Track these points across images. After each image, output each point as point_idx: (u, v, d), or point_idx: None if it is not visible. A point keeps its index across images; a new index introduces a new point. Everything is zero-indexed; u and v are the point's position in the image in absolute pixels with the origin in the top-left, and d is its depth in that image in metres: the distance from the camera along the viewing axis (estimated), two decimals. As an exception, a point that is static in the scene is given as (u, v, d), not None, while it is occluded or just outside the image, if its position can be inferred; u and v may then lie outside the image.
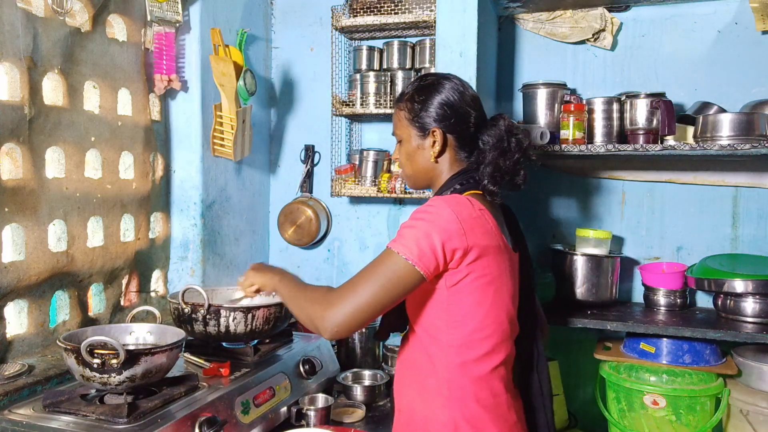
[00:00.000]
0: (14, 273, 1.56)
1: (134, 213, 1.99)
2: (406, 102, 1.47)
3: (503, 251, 1.36)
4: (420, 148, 1.46)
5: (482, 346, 1.31)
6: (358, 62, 2.45)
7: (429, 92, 1.44)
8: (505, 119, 1.44)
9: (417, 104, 1.44)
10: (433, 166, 1.46)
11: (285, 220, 2.58)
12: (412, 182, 1.53)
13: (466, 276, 1.29)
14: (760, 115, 1.88)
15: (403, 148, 1.49)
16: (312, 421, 1.68)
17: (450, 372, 1.32)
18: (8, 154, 1.57)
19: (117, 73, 1.91)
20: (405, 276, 1.25)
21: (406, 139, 1.47)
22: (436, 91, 1.44)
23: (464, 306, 1.31)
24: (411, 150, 1.47)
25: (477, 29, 1.95)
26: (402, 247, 1.26)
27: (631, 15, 2.29)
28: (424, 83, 1.46)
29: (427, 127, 1.43)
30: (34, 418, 1.33)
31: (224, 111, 2.19)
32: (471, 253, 1.28)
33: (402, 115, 1.47)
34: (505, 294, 1.35)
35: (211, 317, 1.70)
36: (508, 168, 1.41)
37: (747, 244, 2.19)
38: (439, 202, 1.31)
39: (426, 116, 1.43)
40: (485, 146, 1.43)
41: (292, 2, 2.64)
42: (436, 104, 1.43)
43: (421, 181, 1.51)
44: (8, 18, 1.53)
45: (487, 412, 1.31)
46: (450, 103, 1.42)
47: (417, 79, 1.50)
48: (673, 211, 2.27)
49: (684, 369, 1.97)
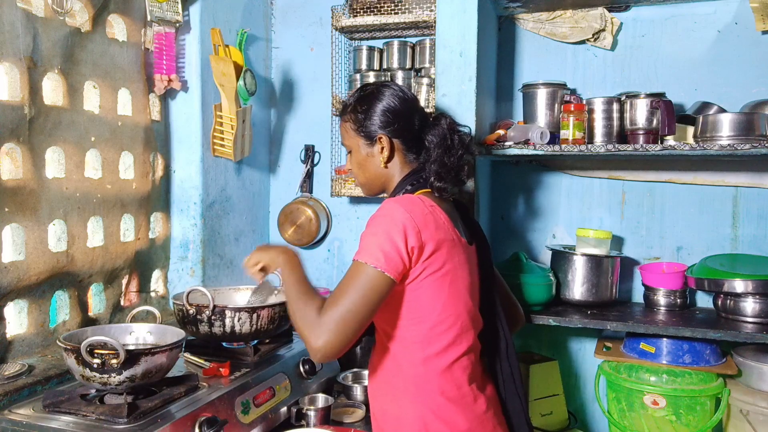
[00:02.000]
0: (14, 273, 1.56)
1: (134, 213, 1.99)
2: (350, 114, 1.52)
3: (457, 244, 1.40)
4: (369, 155, 1.51)
5: (443, 339, 1.35)
6: (358, 62, 2.45)
7: (370, 101, 1.49)
8: (446, 118, 1.51)
9: (360, 114, 1.49)
10: (384, 171, 1.51)
11: (285, 220, 2.58)
12: (367, 190, 1.57)
13: (422, 272, 1.33)
14: (760, 115, 1.88)
15: (354, 158, 1.54)
16: (312, 421, 1.68)
17: (414, 368, 1.36)
18: (8, 154, 1.57)
19: (117, 73, 1.91)
20: (377, 285, 1.28)
21: (355, 149, 1.52)
22: (377, 99, 1.49)
23: (422, 301, 1.35)
24: (361, 159, 1.52)
25: (477, 29, 1.95)
26: (368, 257, 1.29)
27: (631, 15, 2.29)
28: (364, 93, 1.51)
29: (373, 134, 1.48)
30: (34, 418, 1.33)
31: (224, 111, 2.19)
32: (426, 249, 1.32)
33: (348, 126, 1.52)
34: (461, 286, 1.40)
35: (216, 318, 1.70)
36: (453, 164, 1.47)
37: (747, 244, 2.19)
38: (391, 204, 1.34)
39: (370, 124, 1.48)
40: (430, 145, 1.48)
41: (292, 2, 2.64)
42: (379, 112, 1.48)
43: (375, 187, 1.55)
44: (8, 18, 1.53)
45: (453, 404, 1.35)
46: (391, 109, 1.48)
47: (358, 90, 1.55)
48: (673, 211, 2.27)
49: (684, 369, 1.97)
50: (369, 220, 1.36)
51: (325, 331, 1.25)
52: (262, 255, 1.51)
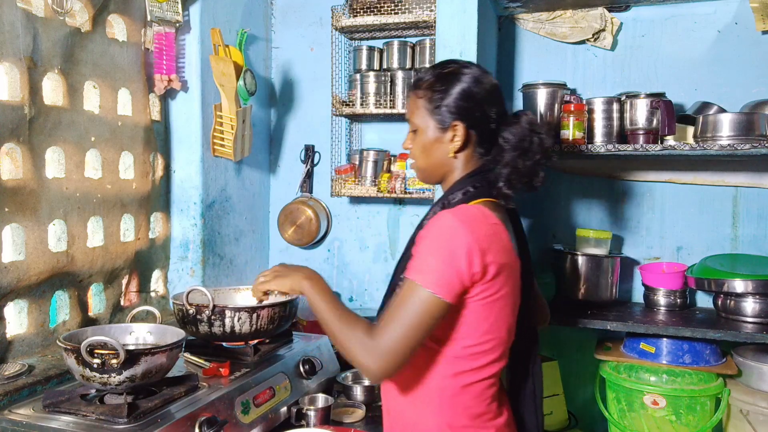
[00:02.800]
0: (14, 273, 1.56)
1: (134, 213, 1.99)
2: (426, 90, 1.37)
3: (516, 268, 1.32)
4: (438, 141, 1.36)
5: (479, 360, 1.28)
6: (358, 62, 2.45)
7: (452, 81, 1.34)
8: (527, 115, 1.38)
9: (438, 93, 1.35)
10: (450, 161, 1.37)
11: (285, 220, 2.58)
12: (423, 176, 1.44)
13: (476, 294, 1.24)
14: (760, 115, 1.88)
15: (419, 139, 1.39)
16: (312, 421, 1.67)
17: (442, 380, 1.29)
18: (8, 154, 1.57)
19: (117, 73, 1.91)
20: (433, 309, 1.20)
21: (422, 130, 1.37)
22: (460, 81, 1.34)
23: (467, 321, 1.26)
24: (427, 142, 1.37)
25: (477, 29, 1.95)
26: (424, 279, 1.20)
27: (631, 15, 2.29)
28: (446, 71, 1.36)
29: (448, 120, 1.34)
30: (34, 418, 1.33)
31: (224, 111, 2.19)
32: (488, 274, 1.22)
33: (420, 103, 1.37)
34: (509, 309, 1.31)
35: (216, 318, 1.69)
36: (527, 169, 1.34)
37: (747, 244, 2.19)
38: (452, 221, 1.23)
39: (448, 108, 1.34)
40: (505, 144, 1.34)
41: (292, 2, 2.64)
42: (460, 95, 1.33)
43: (435, 176, 1.42)
44: (8, 18, 1.53)
45: (476, 419, 1.29)
46: (474, 95, 1.34)
47: (437, 66, 1.40)
48: (673, 211, 2.27)
49: (684, 369, 1.97)
50: (424, 232, 1.25)
51: (381, 354, 1.18)
52: (281, 282, 1.38)
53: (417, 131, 1.39)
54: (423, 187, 2.25)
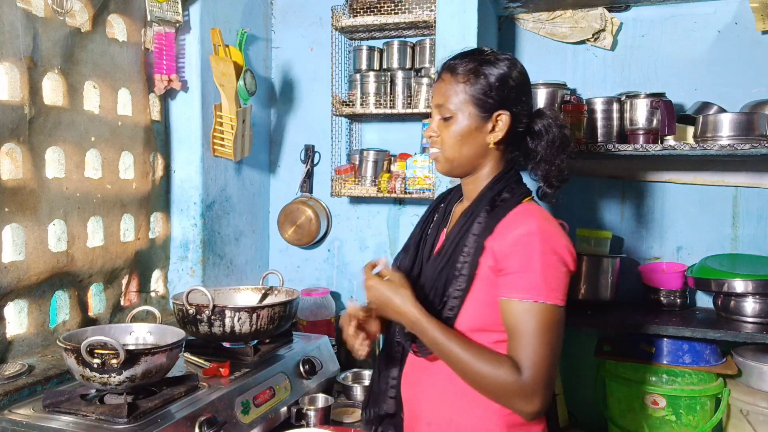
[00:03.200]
0: (14, 273, 1.56)
1: (134, 213, 1.99)
2: (468, 74, 1.27)
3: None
4: (477, 130, 1.27)
5: None
6: (358, 62, 2.45)
7: (498, 67, 1.27)
8: (551, 110, 1.35)
9: (483, 79, 1.26)
10: (485, 153, 1.29)
11: (285, 220, 2.58)
12: (448, 167, 1.32)
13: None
14: (760, 115, 1.88)
15: (453, 126, 1.28)
16: (312, 421, 1.68)
17: None
18: (8, 154, 1.57)
19: (117, 73, 1.91)
20: (562, 320, 1.17)
21: (460, 116, 1.27)
22: (507, 67, 1.27)
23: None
24: (464, 130, 1.27)
25: (477, 29, 1.95)
26: (550, 295, 1.15)
27: (631, 15, 2.29)
28: (486, 57, 1.29)
29: (492, 108, 1.26)
30: (34, 418, 1.33)
31: (224, 111, 2.19)
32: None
33: (459, 88, 1.27)
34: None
35: (216, 318, 1.70)
36: (560, 165, 1.30)
37: (747, 244, 2.19)
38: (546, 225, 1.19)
39: (492, 96, 1.25)
40: (538, 139, 1.31)
41: (292, 2, 2.64)
42: (504, 83, 1.26)
43: (463, 168, 1.32)
44: (8, 18, 1.53)
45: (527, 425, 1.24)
46: (515, 84, 1.27)
47: (474, 52, 1.32)
48: (673, 211, 2.27)
49: (684, 369, 1.97)
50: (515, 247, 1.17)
51: (537, 392, 1.12)
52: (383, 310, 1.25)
53: (452, 118, 1.28)
54: (423, 187, 2.25)
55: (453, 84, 1.29)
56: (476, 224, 1.27)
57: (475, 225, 1.27)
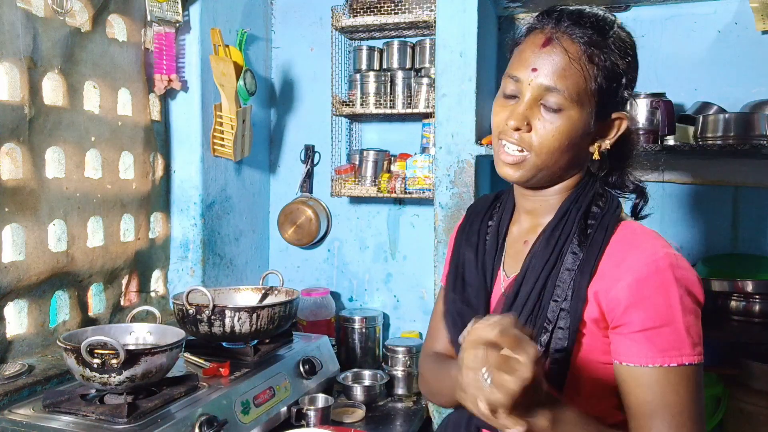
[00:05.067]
0: (14, 273, 1.56)
1: (134, 213, 1.99)
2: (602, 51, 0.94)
3: None
4: (585, 134, 0.96)
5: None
6: (358, 62, 2.45)
7: (624, 46, 0.99)
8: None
9: (619, 70, 0.97)
10: (581, 163, 1.01)
11: (285, 220, 2.58)
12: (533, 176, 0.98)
13: None
14: (760, 115, 1.88)
15: (563, 122, 0.94)
16: (312, 421, 1.68)
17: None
18: (8, 154, 1.57)
19: (117, 73, 1.91)
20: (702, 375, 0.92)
21: (578, 112, 0.94)
22: (631, 50, 1.00)
23: None
24: (576, 133, 0.95)
25: (477, 29, 1.95)
26: (698, 351, 0.90)
27: (631, 15, 2.29)
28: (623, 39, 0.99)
29: (613, 107, 1.00)
30: (34, 418, 1.33)
31: (224, 111, 2.19)
32: None
33: (589, 71, 0.93)
34: None
35: (216, 318, 1.69)
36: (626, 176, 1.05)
37: (747, 244, 2.19)
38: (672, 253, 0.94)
39: (619, 93, 0.99)
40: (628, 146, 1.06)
41: (292, 2, 2.64)
42: (632, 78, 1.01)
43: (548, 180, 1.01)
44: (8, 18, 1.53)
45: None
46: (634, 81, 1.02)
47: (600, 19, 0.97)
48: (673, 211, 2.27)
49: (684, 369, 1.97)
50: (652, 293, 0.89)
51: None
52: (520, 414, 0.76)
53: (561, 111, 0.94)
54: (423, 187, 2.25)
55: (578, 61, 0.93)
56: (570, 255, 0.96)
57: (568, 257, 0.96)
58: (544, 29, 0.97)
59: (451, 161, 1.99)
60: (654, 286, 0.89)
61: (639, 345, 0.88)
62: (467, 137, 1.97)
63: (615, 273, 0.91)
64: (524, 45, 0.99)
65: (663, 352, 0.87)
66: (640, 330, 0.88)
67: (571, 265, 0.94)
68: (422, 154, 2.27)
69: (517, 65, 0.98)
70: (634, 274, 0.89)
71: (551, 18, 0.97)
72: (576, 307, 0.92)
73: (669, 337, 0.88)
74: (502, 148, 0.99)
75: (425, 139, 2.33)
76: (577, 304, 0.91)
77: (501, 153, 0.99)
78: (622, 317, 0.89)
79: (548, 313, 0.93)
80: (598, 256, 0.93)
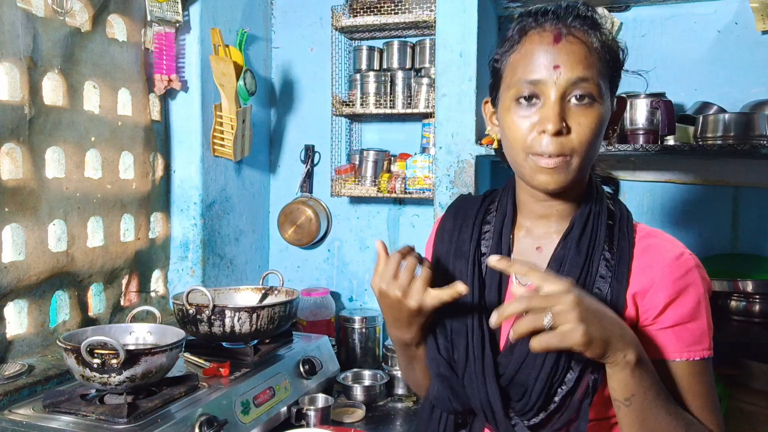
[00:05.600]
0: (14, 273, 1.56)
1: (134, 213, 1.99)
2: (604, 36, 0.94)
3: None
4: (607, 119, 0.95)
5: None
6: (358, 62, 2.45)
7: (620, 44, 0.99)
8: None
9: (617, 48, 0.96)
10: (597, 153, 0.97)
11: (285, 220, 2.58)
12: (577, 177, 0.94)
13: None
14: (760, 115, 1.88)
15: (598, 113, 0.91)
16: (312, 421, 1.68)
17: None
18: (8, 154, 1.57)
19: (117, 73, 1.91)
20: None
21: (601, 99, 0.91)
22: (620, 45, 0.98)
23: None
24: (604, 118, 0.93)
25: (477, 29, 1.95)
26: (708, 347, 0.94)
27: (631, 15, 2.29)
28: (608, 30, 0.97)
29: (615, 91, 0.99)
30: (34, 418, 1.33)
31: (224, 111, 2.19)
32: None
33: (604, 58, 0.93)
34: None
35: (216, 318, 1.70)
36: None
37: (747, 244, 2.19)
38: (698, 263, 0.96)
39: (618, 78, 0.99)
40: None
41: (292, 2, 2.64)
42: (623, 62, 0.99)
43: (584, 174, 0.97)
44: (8, 18, 1.53)
45: None
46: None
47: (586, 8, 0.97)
48: (673, 211, 2.27)
49: (684, 369, 1.97)
50: (683, 290, 0.93)
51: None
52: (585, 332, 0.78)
53: (595, 102, 0.90)
54: (423, 187, 2.25)
55: (594, 49, 0.91)
56: (602, 263, 0.95)
57: (600, 265, 0.95)
58: (545, 27, 0.92)
59: (451, 161, 1.99)
60: (685, 285, 0.92)
61: (670, 341, 0.92)
62: (467, 137, 1.97)
63: (648, 276, 0.94)
64: (527, 48, 0.93)
65: (688, 346, 0.92)
66: (669, 326, 0.92)
67: (605, 272, 0.94)
68: (422, 154, 2.27)
69: (530, 69, 0.91)
70: (669, 276, 0.92)
71: (545, 16, 0.93)
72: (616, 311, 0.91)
73: (694, 333, 0.92)
74: (537, 158, 0.91)
75: (425, 139, 2.33)
76: (617, 311, 0.90)
77: (536, 161, 0.92)
78: (657, 316, 0.93)
79: None
80: (630, 261, 0.95)
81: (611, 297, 0.93)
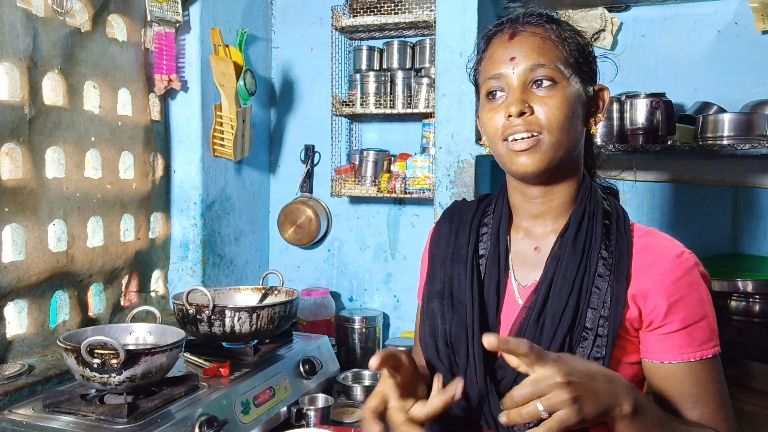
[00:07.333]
0: (14, 273, 1.56)
1: (134, 213, 1.99)
2: (564, 29, 1.00)
3: None
4: (582, 103, 0.98)
5: None
6: (358, 62, 2.45)
7: (578, 30, 1.03)
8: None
9: (579, 37, 1.01)
10: (579, 145, 1.00)
11: (285, 220, 2.58)
12: (554, 157, 0.94)
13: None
14: (760, 115, 1.88)
15: (563, 92, 0.94)
16: (312, 421, 1.68)
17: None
18: (8, 154, 1.57)
19: (117, 73, 1.91)
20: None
21: (564, 81, 0.95)
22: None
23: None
24: (572, 99, 0.95)
25: (477, 29, 1.95)
26: (717, 345, 0.94)
27: (631, 15, 2.29)
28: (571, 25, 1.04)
29: (593, 80, 1.02)
30: (34, 418, 1.33)
31: (224, 111, 2.19)
32: None
33: (561, 45, 0.97)
34: None
35: (216, 318, 1.69)
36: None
37: (747, 244, 2.19)
38: (698, 263, 0.96)
39: (593, 63, 1.03)
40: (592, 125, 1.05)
41: (292, 2, 2.64)
42: (593, 52, 1.04)
43: (564, 162, 0.97)
44: (8, 18, 1.53)
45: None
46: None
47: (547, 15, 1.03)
48: (673, 211, 2.27)
49: (684, 369, 1.97)
50: (688, 290, 0.92)
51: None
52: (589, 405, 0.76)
53: (556, 83, 0.94)
54: (423, 187, 2.25)
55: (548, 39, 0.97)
56: (600, 262, 0.95)
57: (598, 263, 0.95)
58: (504, 30, 1.00)
59: (451, 161, 1.99)
60: (687, 285, 0.92)
61: (680, 342, 0.92)
62: (467, 137, 1.97)
63: (648, 275, 0.93)
64: (490, 51, 1.01)
65: (700, 345, 0.92)
66: (680, 328, 0.92)
67: (603, 271, 0.94)
68: (422, 154, 2.27)
69: (491, 66, 0.99)
70: (670, 276, 0.92)
71: (505, 23, 1.02)
72: (616, 314, 0.92)
73: (705, 331, 0.92)
74: (511, 143, 0.95)
75: (425, 139, 2.33)
76: (617, 310, 0.91)
77: (511, 146, 0.95)
78: (664, 319, 0.92)
79: (587, 322, 0.92)
80: (629, 260, 0.95)
81: (611, 296, 0.92)
